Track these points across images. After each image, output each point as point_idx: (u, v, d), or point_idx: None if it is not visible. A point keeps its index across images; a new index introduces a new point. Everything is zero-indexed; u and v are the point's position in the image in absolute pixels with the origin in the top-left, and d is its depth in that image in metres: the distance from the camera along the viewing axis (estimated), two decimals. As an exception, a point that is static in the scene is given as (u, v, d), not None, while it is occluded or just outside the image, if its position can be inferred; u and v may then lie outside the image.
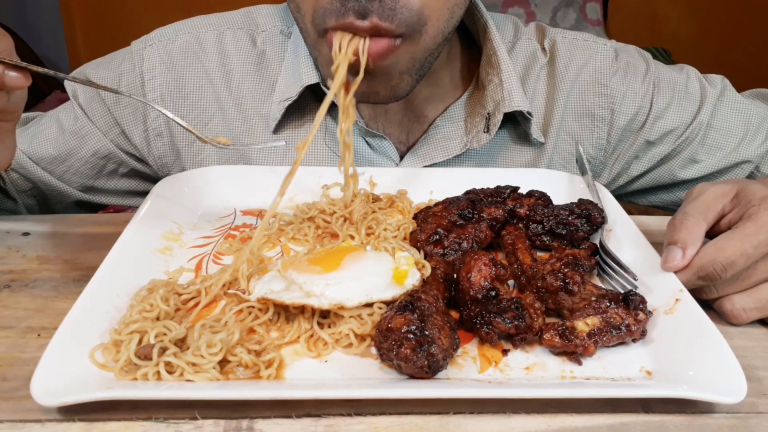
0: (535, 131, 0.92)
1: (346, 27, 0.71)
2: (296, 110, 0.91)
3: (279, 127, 0.92)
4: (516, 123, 0.93)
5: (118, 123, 0.94)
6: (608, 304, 0.58)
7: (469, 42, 0.97)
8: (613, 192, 0.91)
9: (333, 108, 0.89)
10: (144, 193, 0.80)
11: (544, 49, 0.97)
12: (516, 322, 0.56)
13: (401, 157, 0.93)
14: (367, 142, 0.92)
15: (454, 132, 0.92)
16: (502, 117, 0.87)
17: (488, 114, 0.89)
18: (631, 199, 1.06)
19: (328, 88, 0.83)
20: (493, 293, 0.60)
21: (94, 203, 1.01)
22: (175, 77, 0.93)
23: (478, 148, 0.89)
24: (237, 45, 0.94)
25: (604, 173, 1.00)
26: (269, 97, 0.93)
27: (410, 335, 0.52)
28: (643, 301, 0.59)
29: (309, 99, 0.90)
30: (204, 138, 0.69)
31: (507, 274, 0.63)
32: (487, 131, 0.88)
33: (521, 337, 0.57)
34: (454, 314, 0.61)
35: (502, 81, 0.88)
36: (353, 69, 0.73)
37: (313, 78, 0.86)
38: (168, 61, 0.93)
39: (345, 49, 0.71)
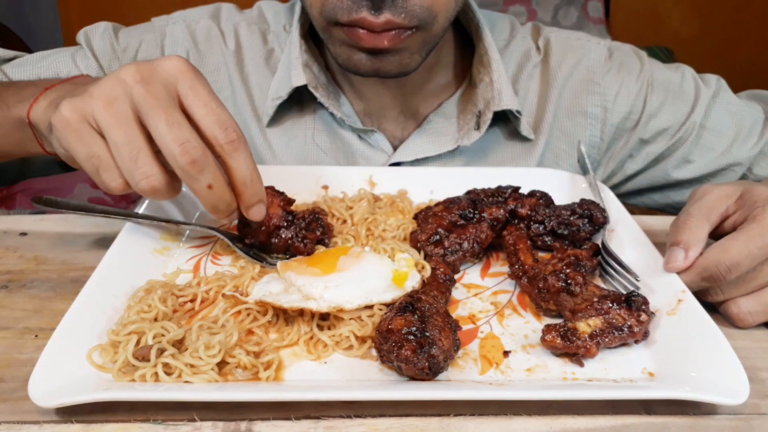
0: (525, 128, 0.93)
1: (358, 22, 0.74)
2: (295, 104, 0.93)
3: (275, 122, 0.95)
4: (507, 120, 0.94)
5: None
6: (610, 305, 0.58)
7: (464, 40, 0.98)
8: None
9: (323, 106, 0.90)
10: None
11: (538, 47, 0.98)
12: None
13: (394, 150, 0.95)
14: (359, 136, 0.94)
15: (447, 128, 0.94)
16: (491, 116, 0.89)
17: (479, 112, 0.91)
18: (625, 200, 1.06)
19: (316, 90, 0.85)
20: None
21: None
22: (197, 55, 0.96)
23: (468, 145, 0.90)
24: (250, 39, 0.98)
25: (598, 171, 1.01)
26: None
27: (411, 336, 0.52)
28: (645, 302, 0.58)
29: (304, 94, 0.91)
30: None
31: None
32: (477, 129, 0.90)
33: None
34: (454, 315, 0.61)
35: (493, 80, 0.90)
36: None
37: (300, 80, 0.88)
38: (191, 39, 0.97)
39: None
